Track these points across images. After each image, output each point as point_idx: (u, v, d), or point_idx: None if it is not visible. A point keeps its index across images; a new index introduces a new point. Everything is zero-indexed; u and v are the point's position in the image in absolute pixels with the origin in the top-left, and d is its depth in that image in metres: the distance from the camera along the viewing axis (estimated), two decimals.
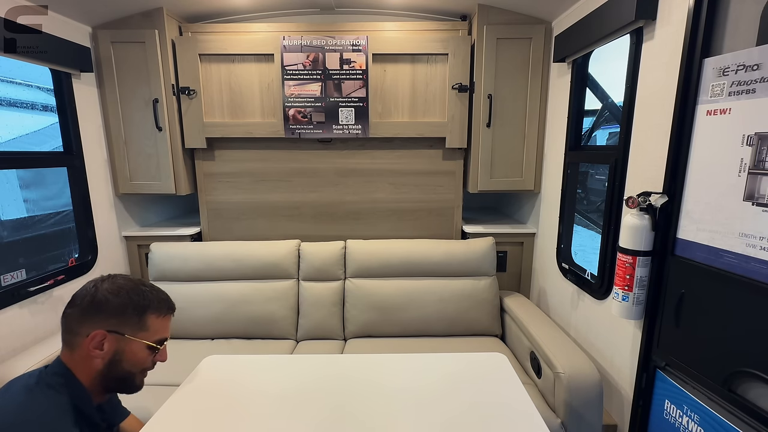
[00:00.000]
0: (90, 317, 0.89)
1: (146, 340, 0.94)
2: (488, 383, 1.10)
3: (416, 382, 1.10)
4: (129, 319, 0.92)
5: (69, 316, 0.90)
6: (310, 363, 1.22)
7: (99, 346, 0.89)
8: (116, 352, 0.91)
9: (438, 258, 2.09)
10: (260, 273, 2.08)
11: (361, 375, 1.15)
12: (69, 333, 0.90)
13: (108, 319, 0.90)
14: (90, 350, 0.88)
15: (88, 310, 0.89)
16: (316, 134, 2.16)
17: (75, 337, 0.89)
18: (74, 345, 0.89)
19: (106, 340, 0.89)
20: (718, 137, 1.09)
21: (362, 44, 2.07)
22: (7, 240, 3.64)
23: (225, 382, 1.11)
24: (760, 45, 0.99)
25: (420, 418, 0.94)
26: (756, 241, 0.99)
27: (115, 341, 0.90)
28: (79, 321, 0.89)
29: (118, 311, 0.91)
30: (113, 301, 0.91)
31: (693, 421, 1.16)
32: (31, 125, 4.58)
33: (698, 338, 1.16)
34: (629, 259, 1.31)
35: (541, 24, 2.04)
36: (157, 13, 2.01)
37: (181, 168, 2.19)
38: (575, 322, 1.87)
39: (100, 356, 0.89)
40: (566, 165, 1.93)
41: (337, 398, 1.02)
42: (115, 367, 0.91)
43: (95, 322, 0.89)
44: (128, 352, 0.92)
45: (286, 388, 1.07)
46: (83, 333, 0.88)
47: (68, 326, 0.90)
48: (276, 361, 1.25)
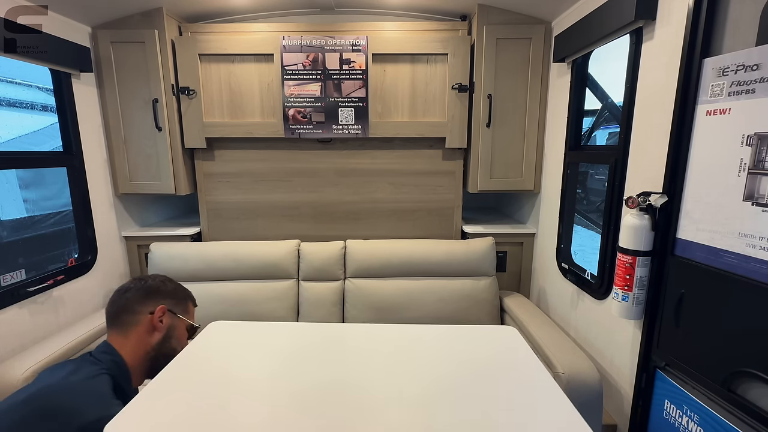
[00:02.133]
0: (151, 297, 1.04)
1: (189, 321, 1.10)
2: (500, 353, 1.10)
3: (425, 351, 1.09)
4: (179, 302, 1.10)
5: (129, 299, 1.02)
6: (315, 330, 1.21)
7: (161, 319, 1.03)
8: (170, 328, 1.05)
9: (438, 258, 2.09)
10: (260, 273, 2.08)
11: (368, 343, 1.13)
12: (129, 313, 1.01)
13: (165, 299, 1.06)
14: (155, 323, 1.02)
15: (148, 291, 1.04)
16: (316, 134, 2.16)
17: (135, 316, 1.01)
18: (132, 323, 1.00)
19: (165, 316, 1.04)
20: (718, 137, 1.09)
21: (362, 44, 2.07)
22: (6, 240, 3.64)
23: (229, 347, 1.11)
24: (759, 45, 0.99)
25: (431, 385, 0.93)
26: (756, 241, 0.99)
27: (170, 318, 1.05)
28: (141, 301, 1.02)
29: (171, 294, 1.09)
30: (168, 286, 1.09)
31: (693, 421, 1.16)
32: (31, 125, 4.58)
33: (698, 338, 1.16)
34: (629, 259, 1.31)
35: (541, 24, 2.04)
36: (156, 13, 2.01)
37: (180, 168, 2.19)
38: (575, 322, 1.87)
39: (161, 329, 1.02)
40: (566, 165, 1.93)
41: (342, 364, 1.01)
42: (167, 342, 1.04)
43: (156, 301, 1.04)
44: (178, 330, 1.07)
45: (290, 353, 1.07)
46: (145, 311, 1.02)
47: (129, 307, 1.02)
48: (280, 328, 1.25)
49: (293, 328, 1.26)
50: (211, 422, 0.77)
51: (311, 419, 0.79)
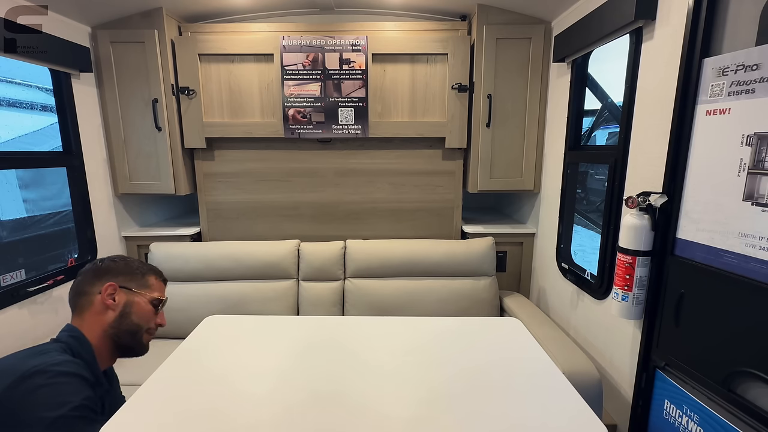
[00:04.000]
0: (100, 277, 1.03)
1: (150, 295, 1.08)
2: (505, 343, 1.10)
3: (428, 341, 1.10)
4: (134, 276, 1.07)
5: (80, 282, 1.02)
6: (314, 324, 1.21)
7: (111, 297, 1.01)
8: (126, 304, 1.03)
9: (438, 258, 2.09)
10: (260, 273, 2.08)
11: (370, 335, 1.14)
12: (81, 295, 1.01)
13: (117, 276, 1.04)
14: (105, 301, 1.00)
15: (97, 272, 1.03)
16: (316, 134, 2.16)
17: (87, 297, 1.01)
18: (86, 304, 1.00)
19: (117, 293, 1.02)
20: (718, 137, 1.09)
21: (362, 44, 2.07)
22: (6, 240, 3.64)
23: (225, 341, 1.11)
24: (759, 45, 0.99)
25: (436, 376, 0.93)
26: (755, 240, 0.99)
27: (125, 295, 1.03)
28: (90, 282, 1.02)
29: (124, 271, 1.06)
30: (119, 263, 1.07)
31: (692, 420, 1.16)
32: (31, 125, 4.58)
33: (698, 338, 1.16)
34: (629, 259, 1.31)
35: (541, 24, 2.04)
36: (156, 13, 2.01)
37: (180, 168, 2.19)
38: (575, 322, 1.87)
39: (113, 307, 1.01)
40: (566, 165, 1.93)
41: (344, 357, 1.02)
42: (126, 319, 1.02)
43: (106, 280, 1.02)
44: (136, 305, 1.04)
45: (289, 347, 1.07)
46: (95, 291, 1.01)
47: (80, 289, 1.01)
48: (278, 322, 1.25)
49: (288, 322, 1.26)
50: (209, 420, 0.77)
51: (315, 414, 0.79)
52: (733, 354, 1.05)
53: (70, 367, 0.87)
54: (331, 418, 0.78)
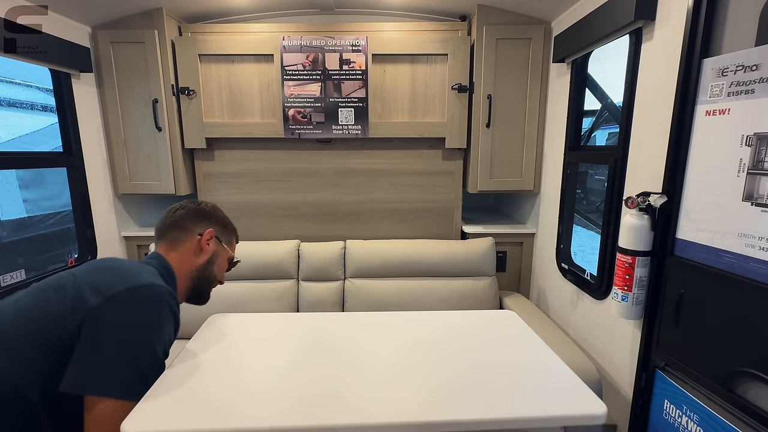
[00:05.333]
0: (203, 219, 1.07)
1: (230, 253, 1.13)
2: (504, 336, 1.12)
3: (429, 335, 1.11)
4: (226, 231, 1.12)
5: (183, 216, 1.05)
6: (317, 319, 1.23)
7: (208, 242, 1.05)
8: (214, 254, 1.07)
9: (438, 258, 2.09)
10: (260, 273, 2.08)
11: (372, 330, 1.15)
12: (180, 229, 1.04)
13: (215, 225, 1.08)
14: (202, 245, 1.04)
15: (200, 214, 1.07)
16: (316, 134, 2.16)
17: (185, 233, 1.04)
18: (183, 240, 1.03)
19: (212, 240, 1.06)
20: (718, 137, 1.09)
21: (362, 44, 2.07)
22: (6, 240, 3.64)
23: (230, 339, 1.11)
24: (759, 45, 0.99)
25: (437, 370, 0.94)
26: (755, 241, 0.99)
27: (216, 245, 1.08)
28: (193, 221, 1.05)
29: (221, 222, 1.11)
30: (218, 214, 1.11)
31: (692, 421, 1.16)
32: (31, 125, 4.58)
33: (697, 338, 1.16)
34: (628, 259, 1.31)
35: (541, 24, 2.04)
36: (156, 13, 2.01)
37: (180, 168, 2.19)
38: (575, 322, 1.87)
39: (206, 252, 1.05)
40: (566, 165, 1.93)
41: (346, 352, 1.02)
42: (210, 267, 1.06)
43: (207, 225, 1.07)
44: (220, 257, 1.09)
45: (294, 343, 1.08)
46: (196, 231, 1.04)
47: (181, 224, 1.04)
48: (281, 319, 1.26)
49: (292, 319, 1.27)
50: (220, 417, 0.77)
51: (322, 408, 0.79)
52: (733, 354, 1.05)
53: (174, 303, 0.91)
54: (338, 410, 0.79)
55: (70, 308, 0.80)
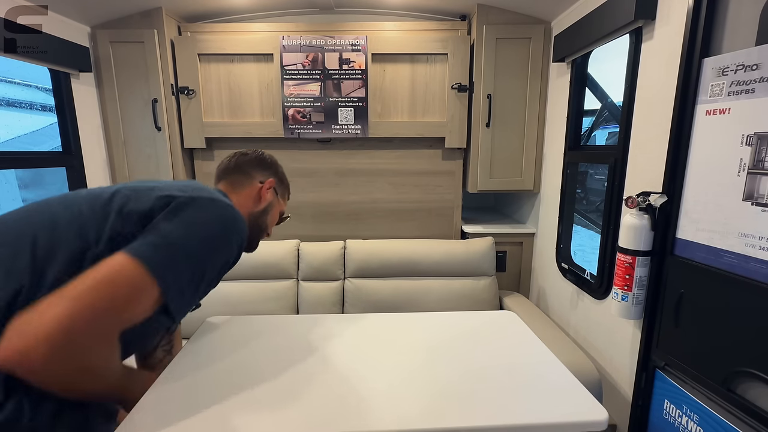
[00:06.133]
0: (265, 168, 1.09)
1: (283, 207, 1.16)
2: (504, 339, 1.12)
3: (428, 338, 1.11)
4: (283, 186, 1.15)
5: (247, 162, 1.09)
6: (315, 322, 1.22)
7: (268, 191, 1.07)
8: (270, 204, 1.09)
9: (437, 258, 2.09)
10: (259, 273, 2.08)
11: (370, 332, 1.15)
12: (242, 173, 1.07)
13: (274, 176, 1.11)
14: (262, 193, 1.06)
15: (263, 162, 1.10)
16: (316, 134, 2.16)
17: (248, 178, 1.06)
18: (244, 183, 1.06)
19: (270, 191, 1.08)
20: (718, 137, 1.09)
21: (361, 44, 2.07)
22: None
23: (226, 343, 1.11)
24: (759, 45, 0.99)
25: (437, 372, 0.94)
26: (755, 240, 0.99)
27: (272, 196, 1.09)
28: (256, 168, 1.08)
29: (280, 175, 1.14)
30: (280, 168, 1.15)
31: (692, 420, 1.16)
32: (30, 125, 4.58)
33: (698, 338, 1.16)
34: (628, 258, 1.31)
35: (541, 24, 2.04)
36: (156, 13, 2.01)
37: (180, 168, 2.19)
38: (574, 322, 1.87)
39: (264, 201, 1.06)
40: (565, 165, 1.93)
41: (344, 356, 1.02)
42: (264, 216, 1.08)
43: (268, 174, 1.09)
44: (274, 209, 1.11)
45: (292, 346, 1.08)
46: (257, 178, 1.07)
47: (245, 168, 1.07)
48: (278, 322, 1.25)
49: (290, 321, 1.26)
50: (215, 424, 0.77)
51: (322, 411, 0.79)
52: (733, 354, 1.05)
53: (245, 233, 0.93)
54: (337, 417, 0.79)
55: (149, 199, 0.82)
